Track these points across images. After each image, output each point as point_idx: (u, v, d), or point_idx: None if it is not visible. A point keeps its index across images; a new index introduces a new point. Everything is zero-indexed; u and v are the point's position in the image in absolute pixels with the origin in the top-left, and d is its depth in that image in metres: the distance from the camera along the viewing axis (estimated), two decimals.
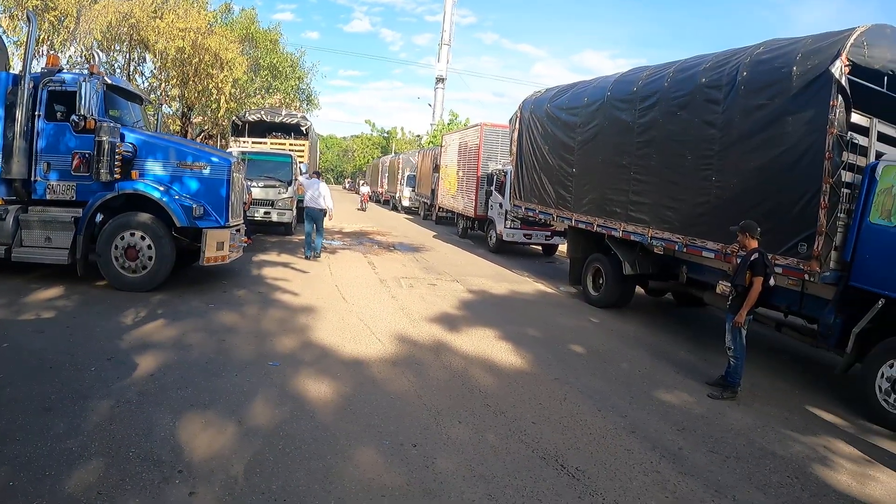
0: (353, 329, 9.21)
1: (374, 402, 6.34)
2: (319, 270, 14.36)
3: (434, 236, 25.17)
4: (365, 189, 47.54)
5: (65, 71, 11.58)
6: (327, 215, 16.93)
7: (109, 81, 11.56)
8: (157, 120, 15.64)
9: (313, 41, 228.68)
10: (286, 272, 13.77)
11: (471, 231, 24.46)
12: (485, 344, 8.86)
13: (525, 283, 14.73)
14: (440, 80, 70.93)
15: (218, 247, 11.01)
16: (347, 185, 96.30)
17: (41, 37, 23.60)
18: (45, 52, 21.44)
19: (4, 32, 22.48)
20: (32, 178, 11.02)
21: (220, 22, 34.11)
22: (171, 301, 10.22)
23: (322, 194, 16.60)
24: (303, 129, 26.19)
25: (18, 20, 22.36)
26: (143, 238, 10.74)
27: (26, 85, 10.74)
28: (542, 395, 6.95)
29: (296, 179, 20.48)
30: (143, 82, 29.00)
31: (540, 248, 21.65)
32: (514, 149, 16.63)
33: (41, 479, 4.45)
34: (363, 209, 41.84)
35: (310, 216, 16.64)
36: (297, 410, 5.99)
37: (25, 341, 7.67)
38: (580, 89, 13.67)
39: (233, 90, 26.94)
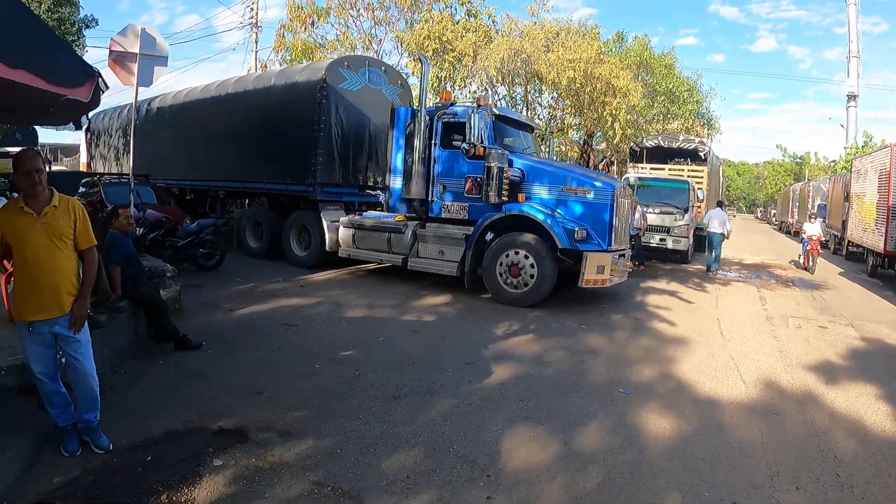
0: (719, 367, 8.80)
1: (712, 447, 6.01)
2: (705, 301, 13.94)
3: (839, 273, 22.78)
4: (814, 228, 22.61)
5: (456, 104, 12.84)
6: (725, 238, 19.39)
7: (497, 112, 12.59)
8: (550, 147, 16.46)
9: (717, 64, 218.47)
10: (669, 301, 13.62)
11: (881, 269, 21.59)
12: (860, 403, 7.83)
13: None
14: (851, 97, 62.21)
15: (598, 270, 11.28)
16: (759, 215, 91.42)
17: (444, 75, 26.22)
18: (448, 88, 23.65)
19: (412, 74, 25.27)
20: (429, 199, 12.49)
21: (614, 51, 34.73)
22: (544, 318, 10.78)
23: (722, 220, 19.07)
24: (701, 154, 25.48)
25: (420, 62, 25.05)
26: (526, 257, 11.47)
27: (422, 117, 12.20)
28: None
29: (693, 206, 20.14)
30: (542, 112, 30.42)
31: None
32: None
33: (364, 454, 5.11)
34: (809, 268, 22.11)
35: (710, 240, 19.12)
36: (628, 442, 5.93)
37: (400, 338, 8.77)
38: None
39: (628, 116, 27.08)
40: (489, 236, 12.11)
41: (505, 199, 11.64)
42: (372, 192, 15.87)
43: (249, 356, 7.82)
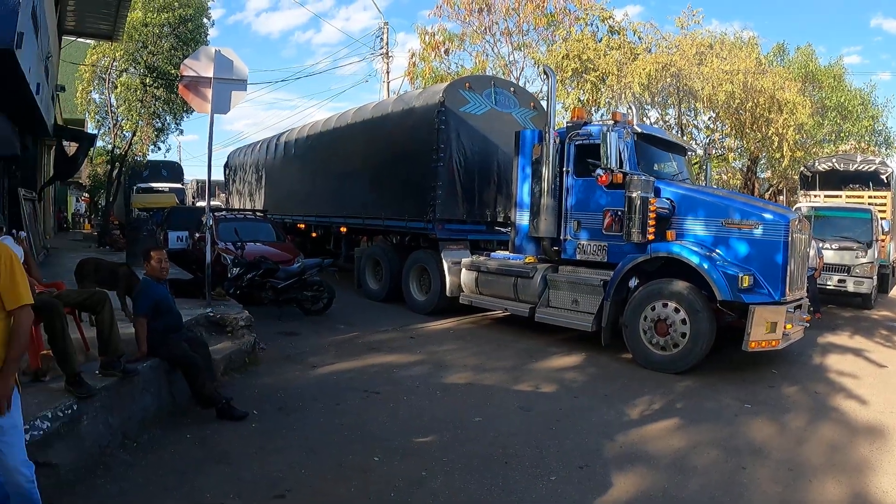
0: None
1: None
2: None
3: None
4: None
5: (592, 123, 10.92)
6: None
7: (640, 130, 10.58)
8: (707, 172, 14.24)
9: (883, 82, 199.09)
10: (856, 364, 10.59)
11: None
12: None
13: None
14: None
15: (769, 328, 8.86)
16: None
17: (586, 97, 24.08)
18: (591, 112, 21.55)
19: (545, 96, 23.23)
20: (562, 237, 10.70)
21: (775, 64, 31.31)
22: (697, 391, 8.46)
23: None
24: (882, 176, 21.80)
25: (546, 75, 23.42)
26: (676, 310, 9.26)
27: (551, 140, 10.42)
28: None
29: (877, 240, 17.19)
30: (698, 136, 27.50)
31: None
32: None
33: None
34: None
35: None
36: None
37: (501, 419, 6.91)
38: None
39: (797, 136, 24.10)
40: (634, 282, 10.11)
41: (650, 237, 9.54)
42: (503, 230, 14.22)
43: (298, 435, 6.26)
